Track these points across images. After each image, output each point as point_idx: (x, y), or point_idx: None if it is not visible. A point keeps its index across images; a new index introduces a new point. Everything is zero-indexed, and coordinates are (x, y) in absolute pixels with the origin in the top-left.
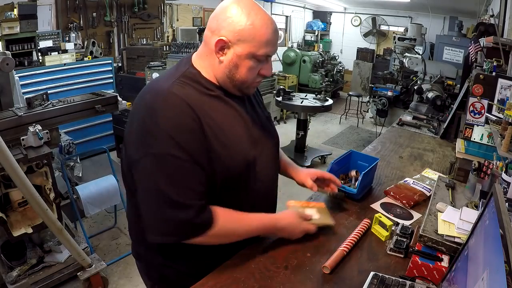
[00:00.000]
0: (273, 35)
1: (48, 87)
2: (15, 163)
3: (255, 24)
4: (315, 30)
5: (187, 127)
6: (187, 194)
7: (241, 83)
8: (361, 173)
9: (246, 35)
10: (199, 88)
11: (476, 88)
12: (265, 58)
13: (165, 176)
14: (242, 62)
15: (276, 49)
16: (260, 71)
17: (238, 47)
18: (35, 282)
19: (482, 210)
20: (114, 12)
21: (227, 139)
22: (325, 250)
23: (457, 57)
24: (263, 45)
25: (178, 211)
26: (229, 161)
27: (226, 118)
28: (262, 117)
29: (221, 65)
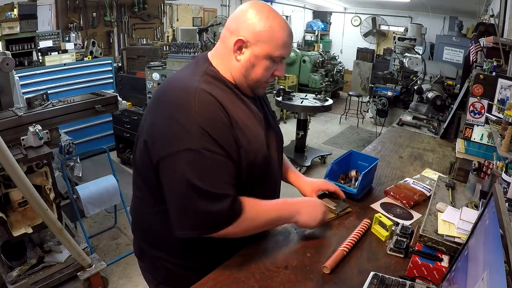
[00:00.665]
0: (288, 38)
1: (48, 87)
2: (15, 163)
3: (273, 27)
4: (315, 30)
5: (220, 122)
6: (222, 186)
7: (255, 82)
8: (361, 173)
9: (265, 36)
10: (221, 86)
11: (476, 88)
12: (280, 59)
13: (200, 169)
14: (259, 62)
15: (290, 51)
16: (274, 72)
17: (256, 48)
18: (35, 282)
19: (482, 210)
20: (114, 12)
21: (251, 135)
22: (325, 250)
23: (457, 57)
24: (280, 47)
25: (214, 203)
26: (253, 157)
27: (246, 115)
28: (269, 116)
29: (238, 64)
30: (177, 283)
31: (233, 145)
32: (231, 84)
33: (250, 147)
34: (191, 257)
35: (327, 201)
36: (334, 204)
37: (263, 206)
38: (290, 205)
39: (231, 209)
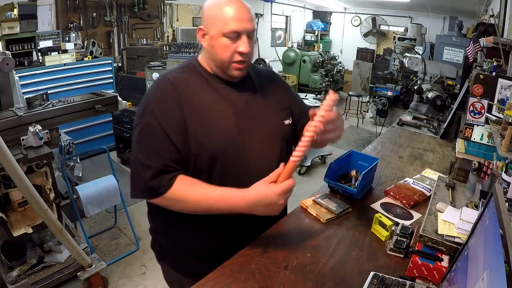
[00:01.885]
0: (238, 13)
1: (48, 87)
2: (15, 163)
3: (220, 6)
4: (315, 30)
5: (166, 103)
6: (150, 157)
7: (221, 63)
8: (361, 173)
9: (215, 17)
10: (194, 75)
11: (476, 88)
12: (236, 35)
13: (140, 140)
14: (216, 42)
15: (249, 26)
16: (237, 49)
17: (211, 30)
18: (35, 282)
19: (482, 210)
20: (114, 12)
21: (206, 119)
22: (325, 250)
23: (457, 57)
24: (229, 22)
25: (142, 170)
26: (204, 139)
27: (211, 101)
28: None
29: (205, 51)
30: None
31: (176, 125)
32: (205, 73)
33: (201, 128)
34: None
35: (327, 201)
36: (334, 204)
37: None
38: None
39: (152, 181)
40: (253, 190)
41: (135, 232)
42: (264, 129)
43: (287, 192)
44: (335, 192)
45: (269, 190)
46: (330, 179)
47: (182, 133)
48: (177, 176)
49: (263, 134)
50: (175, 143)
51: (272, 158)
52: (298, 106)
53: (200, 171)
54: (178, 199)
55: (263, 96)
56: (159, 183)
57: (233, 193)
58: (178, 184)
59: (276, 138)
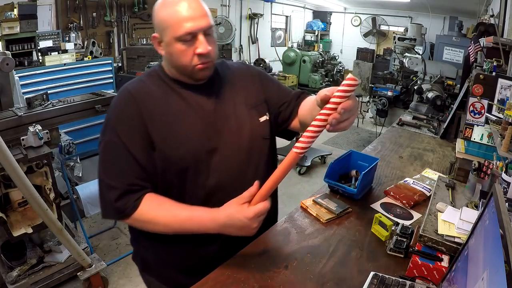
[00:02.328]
0: (188, 11)
1: (48, 87)
2: (15, 163)
3: (167, 9)
4: (315, 30)
5: (127, 118)
6: (114, 177)
7: (183, 68)
8: (361, 173)
9: (165, 22)
10: (157, 83)
11: (476, 88)
12: (191, 36)
13: (104, 159)
14: (172, 48)
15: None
16: (196, 51)
17: (165, 37)
18: (35, 282)
19: (482, 210)
20: (114, 12)
21: (171, 130)
22: (325, 250)
23: (457, 57)
24: (180, 24)
25: (107, 191)
26: (171, 152)
27: (176, 109)
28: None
29: (167, 59)
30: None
31: (137, 140)
32: (168, 79)
33: (166, 141)
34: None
35: (327, 201)
36: (334, 204)
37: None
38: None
39: (118, 202)
40: (224, 211)
41: None
42: (237, 131)
43: (260, 215)
44: (335, 192)
45: (240, 213)
46: (330, 179)
47: (146, 148)
48: (144, 195)
49: (237, 137)
50: (139, 160)
51: (250, 161)
52: (277, 93)
53: (170, 186)
54: (146, 221)
55: (234, 95)
56: (125, 205)
57: (203, 213)
58: (145, 205)
59: (252, 138)
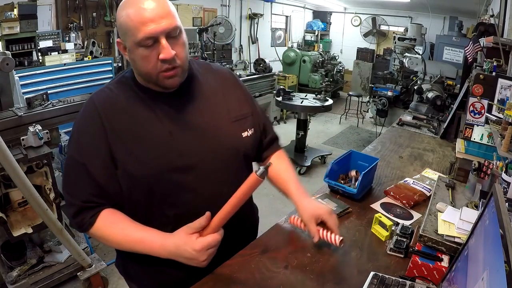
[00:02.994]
0: (146, 13)
1: (48, 87)
2: (15, 163)
3: (127, 12)
4: (315, 30)
5: (88, 133)
6: (72, 193)
7: (147, 75)
8: (361, 173)
9: (124, 27)
10: (125, 91)
11: (476, 88)
12: (152, 41)
13: (65, 174)
14: (134, 54)
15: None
16: (159, 57)
17: (126, 42)
18: (35, 282)
19: (482, 210)
20: (114, 12)
21: (136, 145)
22: (325, 250)
23: (457, 57)
24: (138, 28)
25: (67, 206)
26: (135, 169)
27: (143, 121)
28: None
29: (132, 66)
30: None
31: (99, 158)
32: (137, 87)
33: (130, 158)
34: None
35: (327, 201)
36: (334, 204)
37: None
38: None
39: (76, 218)
40: (172, 239)
41: None
42: (215, 146)
43: (209, 248)
44: (335, 192)
45: (187, 244)
46: (330, 179)
47: (106, 167)
48: (100, 212)
49: (215, 153)
50: (97, 179)
51: (228, 179)
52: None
53: (137, 206)
54: (101, 237)
55: (214, 106)
56: (81, 221)
57: (154, 238)
58: (100, 222)
59: (230, 156)
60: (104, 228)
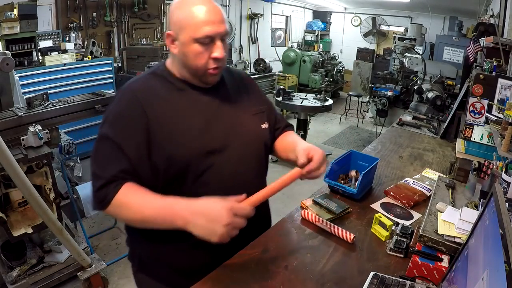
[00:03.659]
0: (210, 15)
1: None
2: (15, 163)
3: (189, 10)
4: (315, 30)
5: (127, 117)
6: (102, 168)
7: (196, 70)
8: (361, 173)
9: (183, 22)
10: (162, 82)
11: (476, 88)
12: (209, 40)
13: (97, 151)
14: (188, 49)
15: (222, 29)
16: (211, 55)
17: (181, 36)
18: (35, 282)
19: (482, 210)
20: (114, 12)
21: (174, 130)
22: (325, 250)
23: (457, 57)
24: (200, 26)
25: (93, 181)
26: (173, 150)
27: (181, 109)
28: (241, 114)
29: (176, 57)
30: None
31: (134, 140)
32: (175, 80)
33: (168, 141)
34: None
35: (327, 201)
36: (334, 204)
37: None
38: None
39: (100, 191)
40: (202, 200)
41: None
42: (240, 135)
43: (237, 214)
44: (335, 192)
45: (218, 203)
46: (330, 179)
47: (140, 148)
48: (124, 183)
49: (240, 140)
50: (129, 156)
51: (250, 165)
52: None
53: (170, 186)
54: (121, 205)
55: (238, 100)
56: (104, 193)
57: (181, 200)
58: (123, 190)
59: (254, 143)
60: (126, 195)
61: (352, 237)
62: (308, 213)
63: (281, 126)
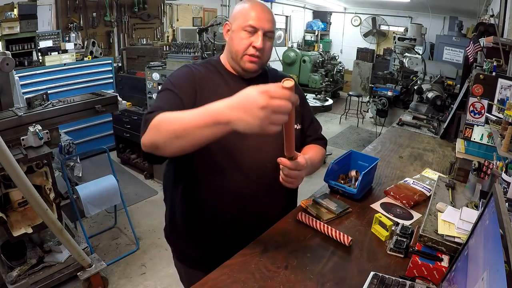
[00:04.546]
0: (259, 12)
1: (48, 87)
2: (15, 163)
3: (246, 6)
4: (315, 30)
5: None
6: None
7: (236, 54)
8: (361, 173)
9: (238, 14)
10: (214, 72)
11: (476, 88)
12: (254, 30)
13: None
14: (236, 35)
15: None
16: (252, 43)
17: (233, 25)
18: (35, 282)
19: (482, 210)
20: (114, 12)
21: None
22: (325, 250)
23: (457, 57)
24: (249, 18)
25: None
26: None
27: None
28: None
29: (228, 44)
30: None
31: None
32: (222, 69)
33: None
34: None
35: (327, 201)
36: (334, 204)
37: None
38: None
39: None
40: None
41: (135, 232)
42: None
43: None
44: (335, 192)
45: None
46: (330, 179)
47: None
48: None
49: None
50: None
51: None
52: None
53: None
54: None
55: None
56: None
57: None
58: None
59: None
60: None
61: (349, 240)
62: (304, 216)
63: (312, 137)
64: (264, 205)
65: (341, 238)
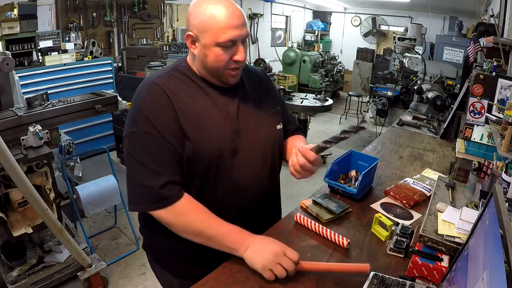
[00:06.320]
0: (232, 19)
1: (48, 87)
2: (15, 163)
3: (212, 13)
4: (315, 30)
5: (160, 108)
6: (158, 163)
7: (216, 71)
8: (361, 173)
9: (206, 25)
10: (184, 79)
11: (476, 88)
12: (231, 43)
13: (140, 148)
14: (210, 51)
15: (244, 32)
16: (233, 57)
17: (202, 39)
18: (35, 282)
19: (482, 210)
20: (114, 12)
21: (200, 125)
22: (325, 250)
23: (457, 57)
24: (223, 31)
25: (148, 177)
26: (199, 146)
27: (203, 106)
28: (258, 114)
29: (196, 57)
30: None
31: (172, 131)
32: (195, 77)
33: (196, 135)
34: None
35: (327, 201)
36: (334, 204)
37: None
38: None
39: (163, 188)
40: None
41: (135, 232)
42: (257, 135)
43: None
44: (335, 192)
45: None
46: (330, 179)
47: (180, 139)
48: (183, 191)
49: (257, 140)
50: (177, 150)
51: (265, 165)
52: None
53: (194, 177)
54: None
55: (255, 100)
56: (170, 191)
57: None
58: (185, 201)
59: (269, 144)
60: (189, 210)
61: (347, 242)
62: (302, 218)
63: (292, 129)
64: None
65: (338, 240)
